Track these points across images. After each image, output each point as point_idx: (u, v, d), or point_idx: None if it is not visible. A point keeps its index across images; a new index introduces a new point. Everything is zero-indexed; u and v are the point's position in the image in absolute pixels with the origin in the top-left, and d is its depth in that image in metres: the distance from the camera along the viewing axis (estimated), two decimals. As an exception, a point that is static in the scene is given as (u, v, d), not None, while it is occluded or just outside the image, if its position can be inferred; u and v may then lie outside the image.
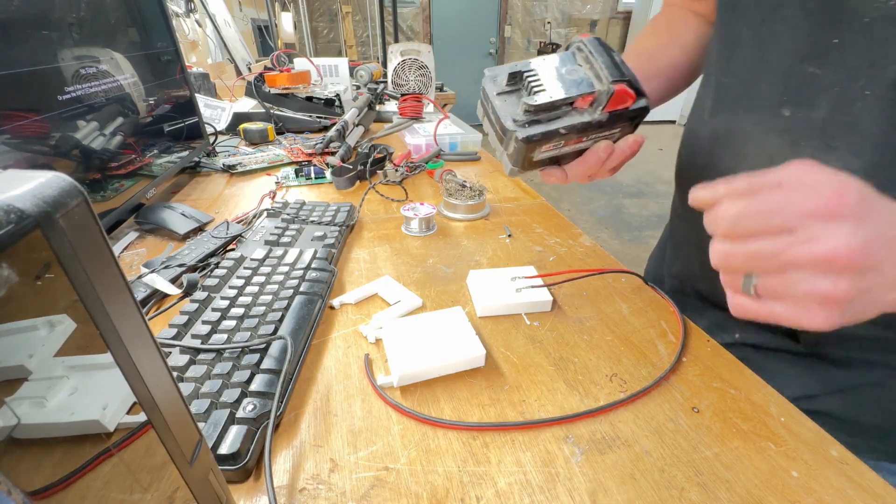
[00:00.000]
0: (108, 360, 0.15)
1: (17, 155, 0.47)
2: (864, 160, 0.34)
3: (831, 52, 0.34)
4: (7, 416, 0.12)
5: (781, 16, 0.37)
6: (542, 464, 0.32)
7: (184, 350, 0.38)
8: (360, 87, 1.41)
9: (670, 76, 0.55)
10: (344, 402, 0.37)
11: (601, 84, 0.34)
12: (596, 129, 0.35)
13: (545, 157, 0.37)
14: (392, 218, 0.69)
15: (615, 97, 0.34)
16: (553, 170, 0.39)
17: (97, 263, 0.14)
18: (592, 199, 3.36)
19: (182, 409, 0.20)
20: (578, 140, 0.36)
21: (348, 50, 3.55)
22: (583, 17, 5.22)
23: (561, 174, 0.39)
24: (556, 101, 0.34)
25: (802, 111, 0.37)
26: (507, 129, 0.35)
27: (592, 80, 0.34)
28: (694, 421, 0.35)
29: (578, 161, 0.38)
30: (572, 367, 0.40)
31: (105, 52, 0.63)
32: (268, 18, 3.10)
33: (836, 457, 0.32)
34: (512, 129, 0.35)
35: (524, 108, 0.34)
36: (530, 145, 0.34)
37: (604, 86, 0.34)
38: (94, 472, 0.16)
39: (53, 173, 0.13)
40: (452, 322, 0.42)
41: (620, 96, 0.34)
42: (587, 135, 0.35)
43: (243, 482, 0.31)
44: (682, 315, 0.46)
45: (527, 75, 0.35)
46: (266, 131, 1.04)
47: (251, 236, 0.58)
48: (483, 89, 0.38)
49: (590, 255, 0.59)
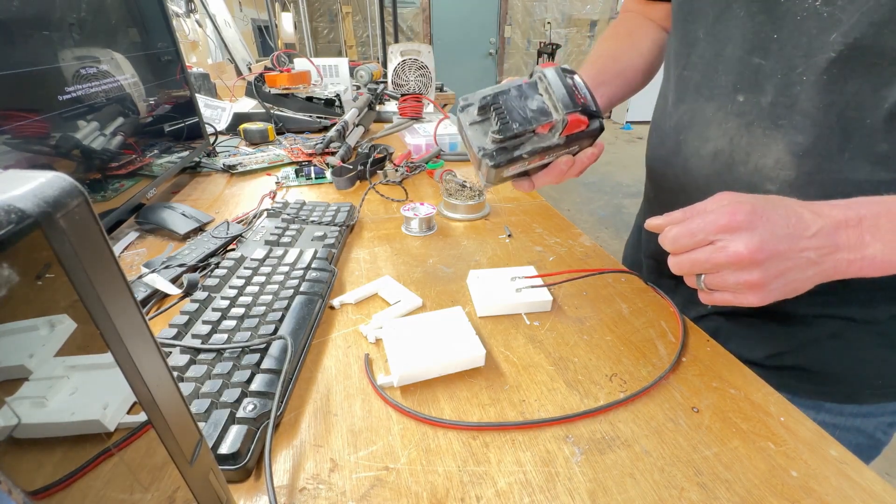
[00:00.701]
0: (108, 359, 0.15)
1: (17, 155, 0.47)
2: (806, 135, 0.40)
3: (772, 45, 0.41)
4: (7, 416, 0.12)
5: (730, 16, 0.44)
6: (542, 463, 0.32)
7: (184, 350, 0.38)
8: (360, 87, 1.41)
9: (629, 77, 0.62)
10: (344, 401, 0.37)
11: (557, 114, 0.39)
12: (556, 149, 0.40)
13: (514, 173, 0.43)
14: (392, 218, 0.69)
15: (570, 125, 0.39)
16: (522, 181, 0.46)
17: (97, 263, 0.14)
18: (592, 199, 3.36)
19: (182, 408, 0.20)
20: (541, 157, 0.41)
21: (348, 50, 3.55)
22: (583, 18, 5.22)
23: (529, 184, 0.46)
24: (518, 132, 0.39)
25: (754, 96, 0.43)
26: (479, 157, 0.41)
27: (550, 109, 0.39)
28: (694, 421, 0.35)
29: (544, 172, 0.45)
30: (572, 367, 0.40)
31: (105, 52, 0.63)
32: (268, 18, 3.10)
33: (835, 456, 0.32)
34: (482, 157, 0.40)
35: (492, 139, 0.40)
36: (499, 168, 0.40)
37: (559, 115, 0.39)
38: (95, 471, 0.16)
39: (54, 173, 0.13)
40: (452, 322, 0.42)
41: (574, 123, 0.39)
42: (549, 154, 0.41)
43: (243, 482, 0.31)
44: (682, 315, 0.46)
45: (493, 108, 0.40)
46: (266, 131, 1.04)
47: (251, 236, 0.58)
48: (458, 118, 0.43)
49: (590, 255, 0.59)
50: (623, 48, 0.62)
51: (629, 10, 0.67)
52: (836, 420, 0.49)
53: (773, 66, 0.41)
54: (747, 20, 0.42)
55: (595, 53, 0.63)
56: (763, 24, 0.41)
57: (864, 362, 0.46)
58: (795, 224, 0.33)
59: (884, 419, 0.49)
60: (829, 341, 0.47)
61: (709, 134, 0.47)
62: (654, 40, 0.62)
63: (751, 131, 0.44)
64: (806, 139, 0.41)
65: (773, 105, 0.42)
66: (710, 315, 0.54)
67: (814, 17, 0.38)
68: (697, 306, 0.55)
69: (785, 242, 0.33)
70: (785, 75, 0.41)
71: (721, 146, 0.46)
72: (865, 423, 0.49)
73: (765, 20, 0.41)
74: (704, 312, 0.55)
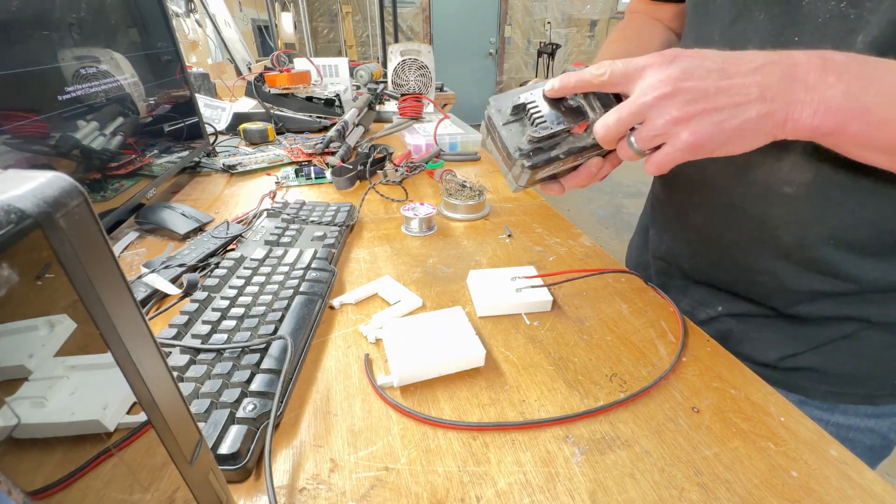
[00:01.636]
0: (108, 360, 0.15)
1: (17, 155, 0.47)
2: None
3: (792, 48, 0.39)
4: (7, 416, 0.12)
5: (748, 18, 0.42)
6: (542, 464, 0.32)
7: (184, 350, 0.38)
8: (360, 87, 1.41)
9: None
10: (344, 402, 0.37)
11: (594, 113, 0.38)
12: (590, 150, 0.40)
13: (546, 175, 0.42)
14: (392, 218, 0.69)
15: None
16: (552, 184, 0.44)
17: (97, 263, 0.14)
18: (592, 199, 3.36)
19: (182, 408, 0.20)
20: (575, 159, 0.40)
21: (348, 50, 3.55)
22: (583, 18, 5.22)
23: (559, 187, 0.44)
24: (556, 132, 0.38)
25: None
26: (515, 158, 0.40)
27: (586, 108, 0.39)
28: (694, 421, 0.35)
29: (573, 175, 0.43)
30: (572, 367, 0.40)
31: (105, 52, 0.63)
32: (268, 18, 3.10)
33: (835, 457, 0.32)
34: (518, 158, 0.39)
35: (528, 139, 0.39)
36: (536, 170, 0.39)
37: (596, 114, 0.38)
38: (95, 472, 0.16)
39: (54, 173, 0.13)
40: (452, 322, 0.42)
41: None
42: (583, 155, 0.40)
43: (243, 482, 0.31)
44: (682, 315, 0.46)
45: (530, 107, 0.39)
46: (266, 131, 1.04)
47: (251, 236, 0.58)
48: (489, 118, 0.42)
49: (590, 255, 0.59)
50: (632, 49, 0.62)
51: (635, 10, 0.67)
52: (851, 421, 0.48)
53: None
54: (767, 22, 0.41)
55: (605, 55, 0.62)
56: (784, 26, 0.40)
57: (880, 363, 0.46)
58: (733, 61, 0.32)
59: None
60: (844, 342, 0.46)
61: None
62: (663, 41, 0.62)
63: None
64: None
65: None
66: (720, 317, 0.54)
67: (838, 20, 0.37)
68: (707, 308, 0.54)
69: (714, 77, 0.31)
70: None
71: None
72: (880, 423, 0.48)
73: (786, 22, 0.40)
74: (714, 315, 0.54)
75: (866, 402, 0.47)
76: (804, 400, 0.49)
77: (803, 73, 0.31)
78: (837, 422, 0.48)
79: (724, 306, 0.53)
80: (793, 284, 0.46)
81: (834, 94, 0.30)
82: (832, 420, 0.49)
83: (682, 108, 0.31)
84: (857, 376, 0.47)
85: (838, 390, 0.48)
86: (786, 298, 0.48)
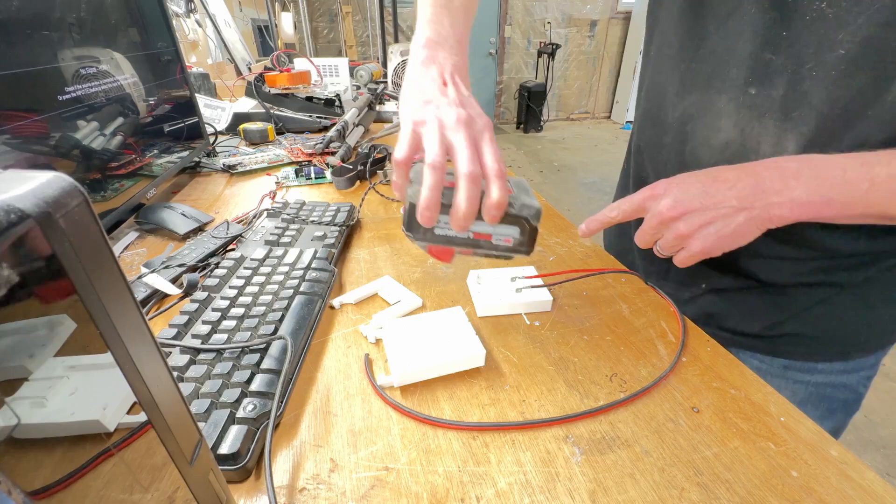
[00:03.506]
0: (108, 360, 0.15)
1: (17, 155, 0.47)
2: (811, 127, 0.43)
3: (783, 42, 0.43)
4: (7, 416, 0.12)
5: (742, 13, 0.45)
6: (542, 464, 0.32)
7: (184, 350, 0.38)
8: (360, 87, 1.41)
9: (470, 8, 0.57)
10: (344, 402, 0.37)
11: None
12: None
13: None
14: (392, 218, 0.69)
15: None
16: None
17: (97, 263, 0.14)
18: (592, 199, 3.36)
19: (182, 409, 0.20)
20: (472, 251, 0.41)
21: (348, 50, 3.55)
22: (583, 17, 5.22)
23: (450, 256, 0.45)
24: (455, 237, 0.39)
25: (765, 90, 0.45)
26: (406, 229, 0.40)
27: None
28: (694, 421, 0.35)
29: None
30: (572, 367, 0.40)
31: (105, 52, 0.63)
32: (268, 18, 3.10)
33: (835, 457, 0.32)
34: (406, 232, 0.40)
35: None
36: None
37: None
38: (95, 472, 0.16)
39: (54, 173, 0.13)
40: (452, 322, 0.42)
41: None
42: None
43: (243, 482, 0.31)
44: (682, 315, 0.46)
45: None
46: (266, 131, 1.04)
47: (251, 236, 0.58)
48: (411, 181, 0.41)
49: (590, 255, 0.59)
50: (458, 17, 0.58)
51: None
52: (828, 379, 0.54)
53: (784, 61, 0.43)
54: (759, 17, 0.44)
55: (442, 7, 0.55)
56: (774, 21, 0.43)
57: (848, 323, 0.51)
58: (710, 183, 0.40)
59: (864, 373, 0.54)
60: (819, 307, 0.51)
61: (720, 124, 0.49)
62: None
63: (762, 123, 0.46)
64: (811, 130, 0.43)
65: (784, 98, 0.44)
66: (704, 295, 0.57)
67: (821, 18, 0.40)
68: (692, 287, 0.58)
69: (699, 199, 0.40)
70: (795, 71, 0.42)
71: (732, 136, 0.48)
72: (850, 378, 0.54)
73: (776, 17, 0.43)
74: (699, 293, 0.58)
75: (839, 357, 0.53)
76: (788, 364, 0.54)
77: (769, 183, 0.38)
78: (816, 381, 0.54)
79: (707, 283, 0.57)
80: (769, 253, 0.50)
81: (800, 194, 0.37)
82: (812, 380, 0.54)
83: (679, 228, 0.40)
84: (833, 336, 0.52)
85: (817, 350, 0.53)
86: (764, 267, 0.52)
